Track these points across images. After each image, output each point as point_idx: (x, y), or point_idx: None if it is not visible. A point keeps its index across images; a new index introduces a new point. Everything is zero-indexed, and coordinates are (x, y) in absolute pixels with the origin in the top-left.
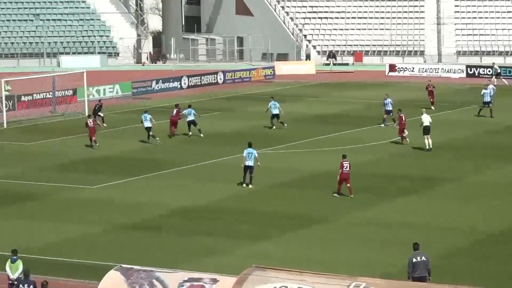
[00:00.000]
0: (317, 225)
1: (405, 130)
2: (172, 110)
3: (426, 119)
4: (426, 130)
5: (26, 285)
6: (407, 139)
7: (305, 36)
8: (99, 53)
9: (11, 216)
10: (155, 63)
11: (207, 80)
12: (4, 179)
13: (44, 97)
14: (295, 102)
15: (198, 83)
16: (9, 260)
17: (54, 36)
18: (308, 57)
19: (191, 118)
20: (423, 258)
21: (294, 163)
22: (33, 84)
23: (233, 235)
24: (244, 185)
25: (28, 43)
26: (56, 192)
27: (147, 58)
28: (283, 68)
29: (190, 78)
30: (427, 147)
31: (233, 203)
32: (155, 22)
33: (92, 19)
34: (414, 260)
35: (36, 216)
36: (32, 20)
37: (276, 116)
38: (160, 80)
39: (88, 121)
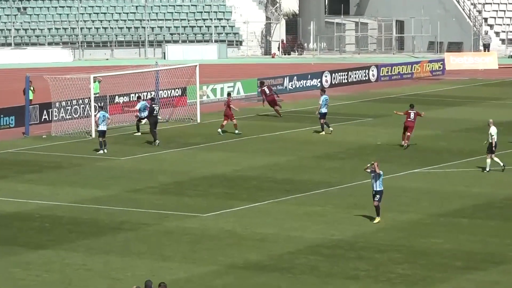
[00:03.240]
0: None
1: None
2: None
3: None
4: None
5: None
6: None
7: (485, 19)
8: (216, 41)
9: (101, 251)
10: (289, 54)
11: (356, 77)
12: (93, 204)
13: (144, 98)
14: (470, 106)
15: (344, 81)
16: None
17: (158, 20)
18: (487, 47)
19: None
20: None
21: (460, 184)
22: (130, 81)
23: (385, 278)
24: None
25: (125, 29)
26: (157, 221)
27: (279, 48)
28: (455, 61)
29: (333, 74)
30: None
31: (386, 237)
32: (289, 1)
33: None
34: None
35: (132, 251)
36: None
37: (323, 116)
38: (295, 77)
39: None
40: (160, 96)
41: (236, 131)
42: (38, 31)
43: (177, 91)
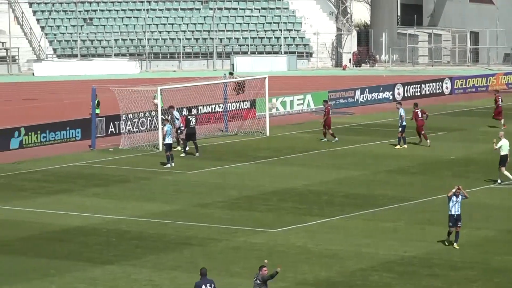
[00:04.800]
0: None
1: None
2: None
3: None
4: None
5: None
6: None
7: None
8: (286, 53)
9: (168, 266)
10: (360, 66)
11: (429, 90)
12: (160, 218)
13: (212, 110)
14: None
15: (416, 93)
16: None
17: (227, 31)
18: None
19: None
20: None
21: None
22: (198, 94)
23: None
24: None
25: (193, 40)
26: (225, 236)
27: (350, 60)
28: None
29: (406, 87)
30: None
31: (460, 254)
32: (361, 12)
33: (277, 8)
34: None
35: (199, 267)
36: (199, 9)
37: (403, 128)
38: (366, 89)
39: None
40: (228, 109)
41: (335, 139)
42: (105, 42)
43: (245, 104)
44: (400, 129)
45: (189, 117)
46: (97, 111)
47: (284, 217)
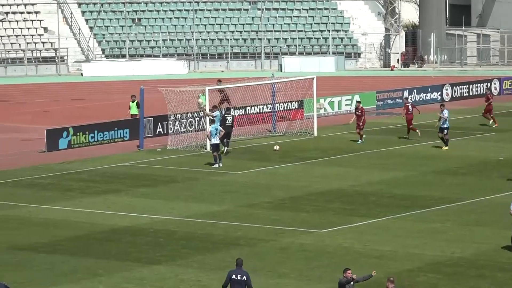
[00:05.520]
0: None
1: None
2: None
3: None
4: None
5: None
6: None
7: None
8: (334, 53)
9: (216, 267)
10: (408, 67)
11: (477, 90)
12: (208, 219)
13: (260, 111)
14: None
15: (465, 94)
16: None
17: (275, 31)
18: None
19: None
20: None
21: None
22: (246, 94)
23: None
24: None
25: (241, 40)
26: (272, 236)
27: (398, 60)
28: None
29: (454, 88)
30: None
31: (509, 255)
32: (409, 12)
33: (326, 8)
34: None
35: (247, 267)
36: (247, 10)
37: (443, 130)
38: (414, 90)
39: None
40: (276, 109)
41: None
42: (153, 43)
43: (293, 104)
44: (445, 131)
45: (225, 115)
46: (136, 112)
47: (331, 218)
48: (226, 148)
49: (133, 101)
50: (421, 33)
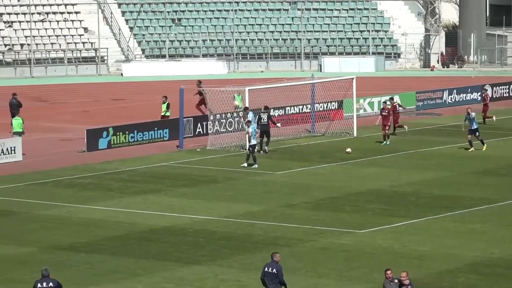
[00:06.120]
0: None
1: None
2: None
3: None
4: None
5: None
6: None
7: None
8: (373, 53)
9: (256, 267)
10: (448, 67)
11: None
12: (247, 219)
13: (300, 111)
14: None
15: (505, 95)
16: None
17: (314, 32)
18: None
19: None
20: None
21: None
22: (285, 94)
23: None
24: None
25: (280, 41)
26: (312, 237)
27: (438, 60)
28: None
29: (494, 88)
30: None
31: None
32: (449, 12)
33: (365, 9)
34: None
35: (286, 267)
36: (287, 10)
37: (475, 132)
38: (454, 90)
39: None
40: (316, 109)
41: None
42: (193, 43)
43: (333, 105)
44: (477, 133)
45: (260, 114)
46: (167, 113)
47: (370, 218)
48: (262, 149)
49: (164, 102)
50: (461, 33)
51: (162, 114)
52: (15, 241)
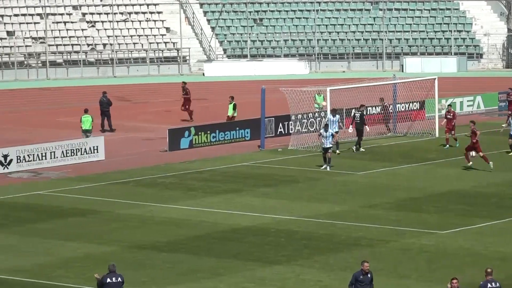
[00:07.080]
0: None
1: None
2: None
3: None
4: None
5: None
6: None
7: None
8: (456, 54)
9: (337, 267)
10: None
11: None
12: (329, 219)
13: (381, 111)
14: None
15: None
16: None
17: (396, 32)
18: None
19: None
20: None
21: None
22: (367, 95)
23: None
24: None
25: (362, 41)
26: (393, 237)
27: None
28: None
29: None
30: None
31: None
32: None
33: (447, 9)
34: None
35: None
36: (368, 10)
37: None
38: None
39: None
40: (397, 110)
41: None
42: (274, 43)
43: (415, 105)
44: None
45: (355, 112)
46: (235, 114)
47: (452, 219)
48: (355, 148)
49: (230, 103)
50: None
51: (229, 115)
52: (98, 239)
